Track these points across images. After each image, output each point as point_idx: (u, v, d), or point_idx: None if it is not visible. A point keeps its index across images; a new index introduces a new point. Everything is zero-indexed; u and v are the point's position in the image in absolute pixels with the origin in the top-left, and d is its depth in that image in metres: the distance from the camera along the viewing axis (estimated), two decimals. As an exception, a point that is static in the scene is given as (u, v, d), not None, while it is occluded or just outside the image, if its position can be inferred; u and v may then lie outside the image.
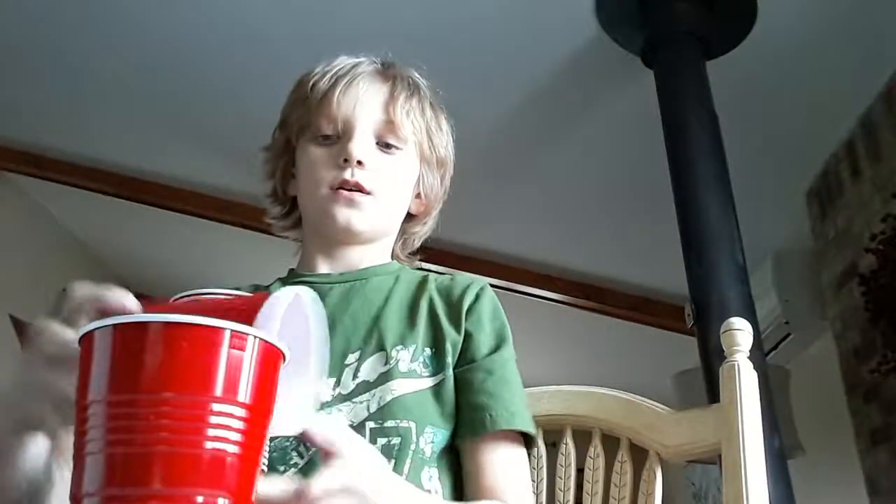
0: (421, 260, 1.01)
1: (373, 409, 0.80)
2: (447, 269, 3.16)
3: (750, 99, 2.46)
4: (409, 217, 0.98)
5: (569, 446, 1.01)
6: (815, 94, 2.46)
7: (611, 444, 0.98)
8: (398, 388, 0.81)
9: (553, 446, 1.02)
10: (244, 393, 0.48)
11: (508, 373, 0.87)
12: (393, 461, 0.78)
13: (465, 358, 0.86)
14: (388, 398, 0.80)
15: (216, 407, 0.47)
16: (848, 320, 2.63)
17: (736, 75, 2.32)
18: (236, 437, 0.48)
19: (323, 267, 0.93)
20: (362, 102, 0.89)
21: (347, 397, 0.81)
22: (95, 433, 0.47)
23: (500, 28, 2.36)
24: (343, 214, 0.87)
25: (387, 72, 0.93)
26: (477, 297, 0.90)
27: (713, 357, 1.91)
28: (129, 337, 0.47)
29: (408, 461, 0.79)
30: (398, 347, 0.84)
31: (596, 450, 0.99)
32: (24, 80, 2.88)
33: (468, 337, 0.87)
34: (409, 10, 2.30)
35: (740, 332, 0.89)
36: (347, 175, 0.87)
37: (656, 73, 2.25)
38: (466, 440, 0.83)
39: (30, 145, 3.32)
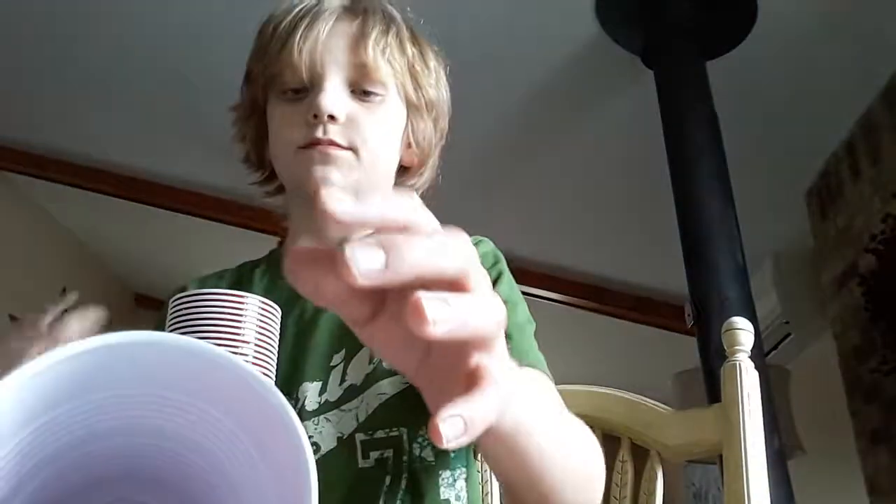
0: None
1: (361, 418, 0.72)
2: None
3: (750, 99, 2.46)
4: (403, 170, 0.84)
5: (569, 446, 1.01)
6: (815, 94, 2.45)
7: (611, 444, 0.98)
8: (386, 389, 0.72)
9: (553, 446, 1.02)
10: None
11: (511, 301, 0.74)
12: (388, 478, 0.71)
13: None
14: (376, 404, 0.72)
15: None
16: (848, 320, 2.62)
17: (736, 75, 2.32)
18: None
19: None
20: (328, 45, 0.75)
21: (335, 405, 0.73)
22: None
23: (499, 28, 2.36)
24: (319, 172, 0.74)
25: (355, 6, 0.80)
26: None
27: (713, 357, 1.91)
28: None
29: (404, 476, 0.71)
30: None
31: (596, 450, 0.99)
32: (26, 81, 2.88)
33: None
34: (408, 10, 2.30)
35: (742, 332, 0.89)
36: (319, 133, 0.73)
37: (656, 73, 2.25)
38: None
39: (30, 145, 3.32)
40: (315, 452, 0.70)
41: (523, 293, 0.76)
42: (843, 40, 2.26)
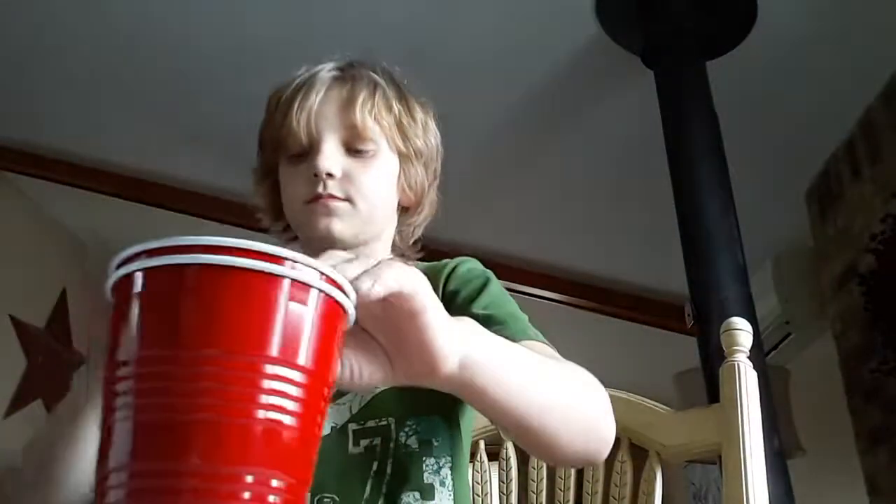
0: (420, 259, 1.00)
1: (355, 409, 0.80)
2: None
3: (750, 99, 2.46)
4: (404, 210, 0.96)
5: (569, 446, 1.01)
6: (815, 94, 2.45)
7: (611, 444, 0.98)
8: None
9: (553, 446, 1.02)
10: (304, 355, 0.41)
11: (500, 300, 0.86)
12: (376, 463, 0.77)
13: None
14: (368, 397, 0.80)
15: (270, 369, 0.39)
16: (848, 320, 2.62)
17: (736, 75, 2.32)
18: (293, 406, 0.40)
19: None
20: (321, 112, 0.87)
21: (332, 400, 0.79)
22: (125, 399, 0.39)
23: (499, 28, 2.35)
24: (322, 223, 0.85)
25: (344, 75, 0.90)
26: (455, 267, 0.90)
27: (713, 357, 1.91)
28: (163, 282, 0.41)
29: (390, 462, 0.78)
30: None
31: (596, 450, 0.99)
32: (25, 81, 2.87)
33: (450, 300, 0.84)
34: (408, 10, 2.30)
35: (741, 332, 0.89)
36: (319, 189, 0.85)
37: (656, 73, 2.25)
38: None
39: (30, 145, 3.32)
40: None
41: (523, 293, 0.80)
42: (842, 40, 2.26)
